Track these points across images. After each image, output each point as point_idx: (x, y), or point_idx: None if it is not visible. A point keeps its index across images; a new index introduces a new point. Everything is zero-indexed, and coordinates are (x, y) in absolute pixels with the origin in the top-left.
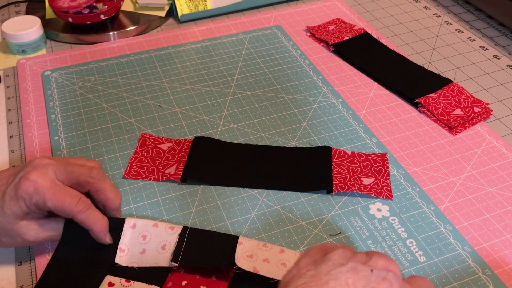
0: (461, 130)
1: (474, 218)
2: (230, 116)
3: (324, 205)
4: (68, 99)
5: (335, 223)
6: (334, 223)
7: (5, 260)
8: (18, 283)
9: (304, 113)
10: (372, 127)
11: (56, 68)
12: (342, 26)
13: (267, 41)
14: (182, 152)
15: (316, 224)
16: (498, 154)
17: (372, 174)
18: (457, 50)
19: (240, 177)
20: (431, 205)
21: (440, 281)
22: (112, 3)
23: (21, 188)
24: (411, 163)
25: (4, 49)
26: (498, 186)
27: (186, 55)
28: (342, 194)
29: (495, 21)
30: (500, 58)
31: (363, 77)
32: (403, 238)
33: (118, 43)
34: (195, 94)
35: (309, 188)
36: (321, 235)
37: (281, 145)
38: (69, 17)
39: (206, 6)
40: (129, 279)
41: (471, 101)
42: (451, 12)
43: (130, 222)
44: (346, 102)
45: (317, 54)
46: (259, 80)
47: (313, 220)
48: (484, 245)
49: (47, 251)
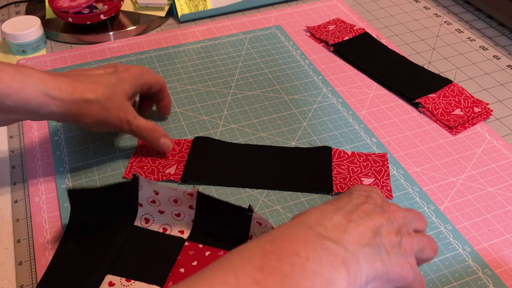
0: (461, 130)
1: (474, 218)
2: (230, 116)
3: None
4: None
5: None
6: None
7: (5, 260)
8: (18, 283)
9: (304, 113)
10: (372, 127)
11: (56, 68)
12: (342, 26)
13: (267, 41)
14: (182, 152)
15: None
16: (498, 154)
17: (372, 174)
18: (457, 50)
19: (240, 177)
20: (431, 205)
21: (440, 281)
22: (112, 3)
23: (133, 73)
24: (411, 163)
25: (4, 49)
26: (498, 186)
27: (186, 55)
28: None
29: (495, 21)
30: (500, 58)
31: (363, 77)
32: None
33: (118, 43)
34: (195, 94)
35: (309, 189)
36: None
37: (281, 145)
38: (69, 17)
39: (206, 6)
40: (130, 278)
41: (471, 101)
42: (451, 12)
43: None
44: (346, 102)
45: (317, 54)
46: (259, 80)
47: None
48: (484, 245)
49: (47, 251)
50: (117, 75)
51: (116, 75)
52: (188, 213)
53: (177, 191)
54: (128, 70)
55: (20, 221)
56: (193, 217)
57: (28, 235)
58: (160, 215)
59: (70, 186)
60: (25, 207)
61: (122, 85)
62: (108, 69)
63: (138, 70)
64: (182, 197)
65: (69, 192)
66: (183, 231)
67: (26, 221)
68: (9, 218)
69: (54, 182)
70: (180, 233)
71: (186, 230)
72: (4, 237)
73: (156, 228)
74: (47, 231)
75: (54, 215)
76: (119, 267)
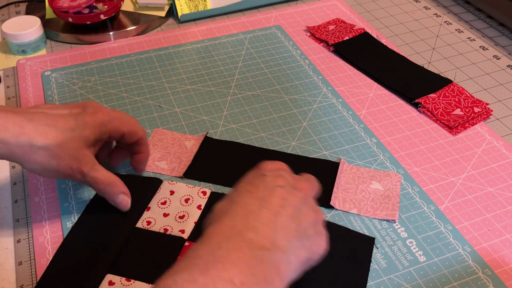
0: (461, 130)
1: (474, 218)
2: (230, 116)
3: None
4: (68, 99)
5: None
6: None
7: (5, 260)
8: (18, 283)
9: (304, 113)
10: (372, 127)
11: (56, 68)
12: (342, 26)
13: (267, 41)
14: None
15: None
16: (498, 154)
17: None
18: (457, 50)
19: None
20: (431, 205)
21: (440, 281)
22: (112, 3)
23: (98, 118)
24: (411, 163)
25: (4, 49)
26: (498, 186)
27: (186, 55)
28: None
29: (495, 21)
30: (500, 58)
31: (363, 77)
32: (403, 238)
33: (118, 43)
34: (195, 94)
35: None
36: None
37: (281, 145)
38: (69, 17)
39: (206, 6)
40: (130, 278)
41: (471, 101)
42: (451, 12)
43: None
44: (346, 102)
45: (317, 54)
46: (259, 80)
47: None
48: (484, 245)
49: (47, 251)
50: (80, 118)
51: (78, 118)
52: (193, 214)
53: (193, 189)
54: (96, 113)
55: (20, 221)
56: (196, 219)
57: (28, 235)
58: (163, 218)
59: (70, 186)
60: (25, 207)
61: (82, 130)
62: (74, 109)
63: (110, 115)
64: (196, 195)
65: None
66: (184, 230)
67: (26, 221)
68: (9, 218)
69: (54, 182)
70: (181, 233)
71: (187, 230)
72: (4, 237)
73: (157, 229)
74: (47, 231)
75: (54, 215)
76: (119, 266)
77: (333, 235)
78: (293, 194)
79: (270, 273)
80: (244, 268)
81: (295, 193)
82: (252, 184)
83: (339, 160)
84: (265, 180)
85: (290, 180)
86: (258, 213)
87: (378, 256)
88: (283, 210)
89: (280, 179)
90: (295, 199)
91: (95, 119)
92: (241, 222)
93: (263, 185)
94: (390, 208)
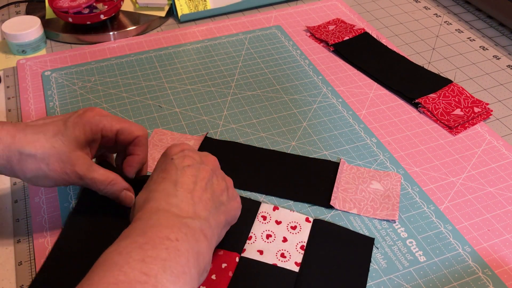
0: (461, 130)
1: (474, 218)
2: (230, 116)
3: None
4: (68, 99)
5: (335, 223)
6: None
7: (5, 260)
8: (18, 283)
9: (304, 113)
10: (372, 127)
11: (56, 68)
12: (342, 26)
13: (267, 41)
14: None
15: None
16: (498, 154)
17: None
18: (457, 50)
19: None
20: (431, 205)
21: (440, 281)
22: (112, 3)
23: (86, 116)
24: (411, 163)
25: (4, 49)
26: (498, 186)
27: (186, 55)
28: None
29: (495, 21)
30: (500, 58)
31: (363, 77)
32: (403, 238)
33: (118, 43)
34: (195, 94)
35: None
36: None
37: (281, 145)
38: (69, 17)
39: (206, 6)
40: None
41: (471, 101)
42: (451, 12)
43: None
44: (346, 102)
45: (317, 54)
46: (259, 80)
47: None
48: (484, 245)
49: (47, 251)
50: (69, 120)
51: (68, 121)
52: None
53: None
54: (86, 112)
55: (20, 221)
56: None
57: (28, 235)
58: None
59: (70, 186)
60: (25, 207)
61: (71, 132)
62: (67, 115)
63: (102, 113)
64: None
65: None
66: None
67: (26, 221)
68: (9, 218)
69: None
70: None
71: None
72: (4, 237)
73: None
74: (47, 231)
75: (54, 215)
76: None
77: (333, 235)
78: (202, 169)
79: (198, 234)
80: (175, 229)
81: (204, 168)
82: (164, 170)
83: (339, 160)
84: (173, 164)
85: (197, 157)
86: (175, 194)
87: (378, 256)
88: (196, 186)
89: (186, 159)
90: (204, 173)
91: (83, 118)
92: (163, 203)
93: (173, 169)
94: (390, 208)
